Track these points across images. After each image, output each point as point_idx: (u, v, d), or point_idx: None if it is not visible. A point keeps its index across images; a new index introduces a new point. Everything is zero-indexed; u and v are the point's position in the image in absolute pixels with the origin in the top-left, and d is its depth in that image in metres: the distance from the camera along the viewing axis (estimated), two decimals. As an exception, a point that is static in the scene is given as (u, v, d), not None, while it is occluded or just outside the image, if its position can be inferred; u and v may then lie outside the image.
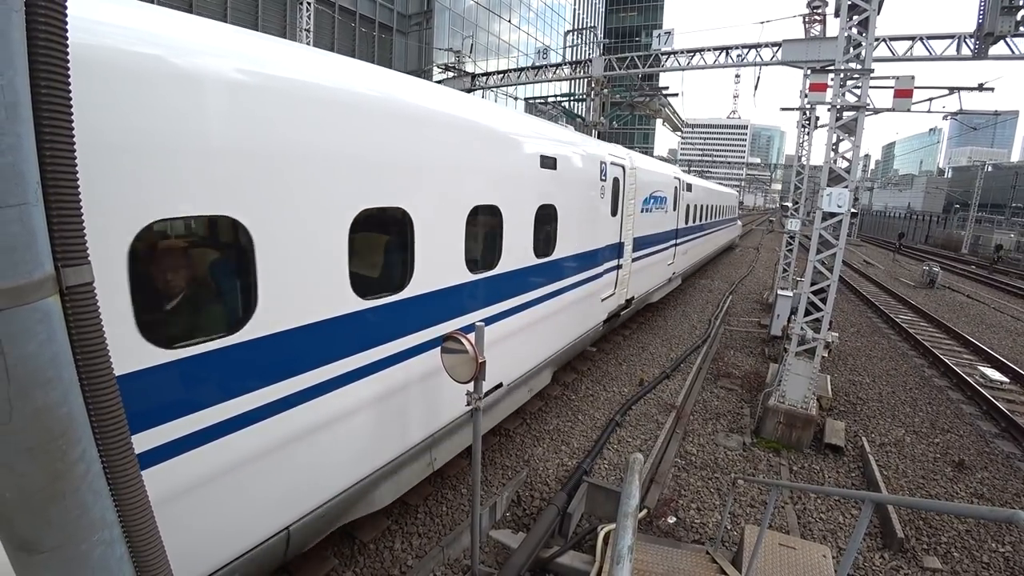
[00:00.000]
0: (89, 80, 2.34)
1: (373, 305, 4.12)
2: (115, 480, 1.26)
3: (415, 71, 36.58)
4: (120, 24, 2.62)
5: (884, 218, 73.53)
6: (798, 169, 17.93)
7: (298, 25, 26.22)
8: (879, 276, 27.50)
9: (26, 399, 1.05)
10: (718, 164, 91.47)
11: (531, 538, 5.31)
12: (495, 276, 5.76)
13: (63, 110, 1.09)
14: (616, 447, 7.37)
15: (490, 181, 5.62)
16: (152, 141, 2.65)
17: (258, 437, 3.32)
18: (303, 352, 3.60)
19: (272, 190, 3.26)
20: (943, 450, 8.33)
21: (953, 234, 52.91)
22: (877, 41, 14.29)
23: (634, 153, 10.67)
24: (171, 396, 2.89)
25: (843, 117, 8.05)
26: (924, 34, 15.25)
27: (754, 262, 31.20)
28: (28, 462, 1.09)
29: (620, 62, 21.52)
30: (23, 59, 1.01)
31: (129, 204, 2.61)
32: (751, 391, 10.04)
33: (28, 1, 1.00)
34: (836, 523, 6.35)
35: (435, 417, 5.09)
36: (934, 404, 10.22)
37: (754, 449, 7.98)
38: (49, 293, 1.07)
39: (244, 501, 3.36)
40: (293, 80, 3.44)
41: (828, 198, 7.81)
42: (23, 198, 1.00)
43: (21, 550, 1.16)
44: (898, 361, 12.96)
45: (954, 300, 21.80)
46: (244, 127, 3.10)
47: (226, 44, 3.20)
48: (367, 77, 4.29)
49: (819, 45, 16.62)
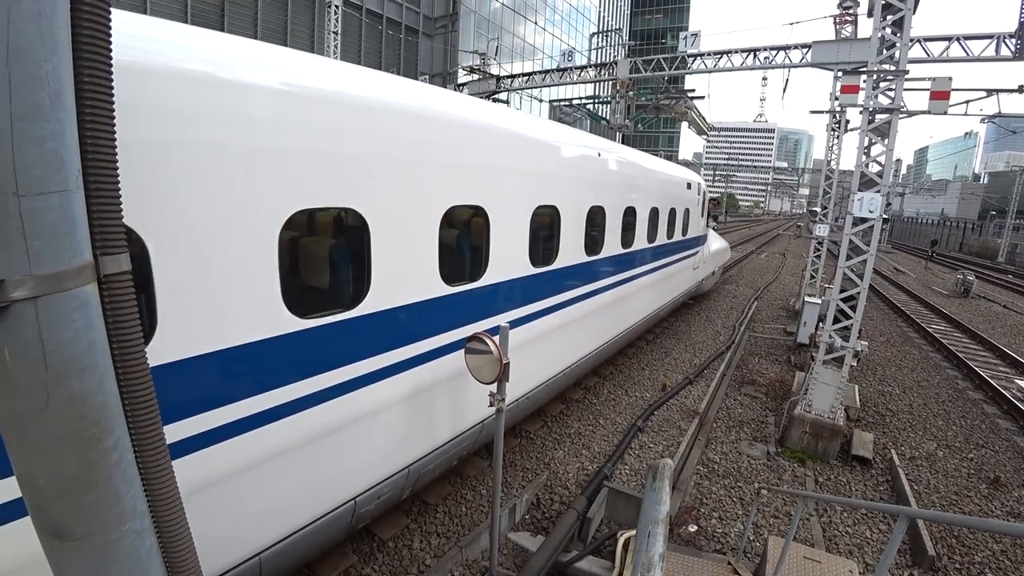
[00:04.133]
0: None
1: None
2: (146, 470, 1.26)
3: (440, 74, 36.85)
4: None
5: (916, 224, 71.68)
6: (827, 173, 17.56)
7: (326, 28, 26.62)
8: (910, 284, 26.77)
9: (62, 386, 1.06)
10: (744, 168, 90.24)
11: (550, 542, 5.27)
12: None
13: (105, 99, 1.10)
14: (637, 452, 7.28)
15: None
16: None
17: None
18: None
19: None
20: (977, 466, 8.04)
21: (989, 242, 51.32)
22: (912, 41, 13.93)
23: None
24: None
25: (875, 120, 7.85)
26: (961, 34, 14.75)
27: (780, 268, 30.64)
28: (63, 449, 1.09)
29: (646, 64, 21.34)
30: (67, 48, 1.02)
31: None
32: (776, 399, 9.84)
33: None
34: (863, 538, 6.17)
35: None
36: (968, 418, 9.88)
37: (778, 459, 7.80)
38: (87, 281, 1.08)
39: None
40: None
41: (859, 203, 7.62)
42: (64, 185, 1.01)
43: (54, 536, 1.17)
44: (930, 372, 12.57)
45: (990, 310, 21.10)
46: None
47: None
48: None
49: (850, 46, 16.23)
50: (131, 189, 2.54)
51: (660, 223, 10.14)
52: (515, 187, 5.58)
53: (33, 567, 2.07)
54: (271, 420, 3.33)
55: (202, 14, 25.68)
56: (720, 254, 18.46)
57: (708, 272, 16.34)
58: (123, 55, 2.41)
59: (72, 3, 1.01)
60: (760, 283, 23.63)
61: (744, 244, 45.33)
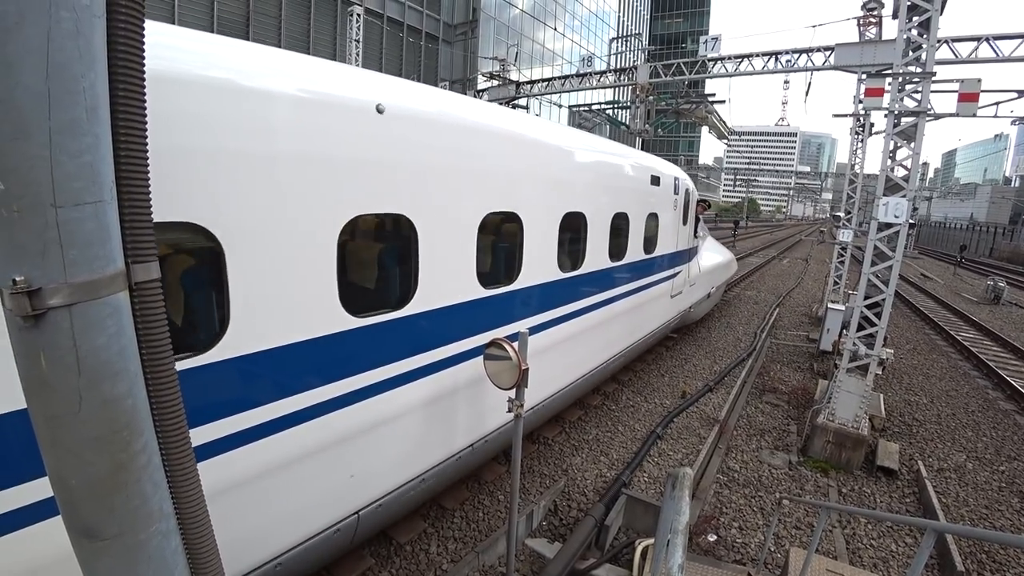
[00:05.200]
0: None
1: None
2: (172, 473, 1.29)
3: (460, 80, 37.10)
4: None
5: (944, 229, 69.98)
6: (851, 178, 17.25)
7: (348, 36, 27.01)
8: (938, 291, 26.12)
9: (95, 390, 1.09)
10: (765, 172, 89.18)
11: (567, 549, 5.24)
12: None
13: (138, 114, 1.14)
14: (656, 460, 7.21)
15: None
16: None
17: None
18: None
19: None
20: (1009, 479, 7.80)
21: (1021, 247, 49.93)
22: (939, 43, 13.64)
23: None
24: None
25: (901, 123, 7.70)
26: (991, 34, 14.39)
27: (803, 274, 30.15)
28: (94, 451, 1.13)
29: (666, 69, 21.22)
30: (103, 63, 1.06)
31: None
32: (798, 408, 9.67)
33: (109, 8, 1.04)
34: (888, 551, 6.02)
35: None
36: (999, 429, 9.59)
37: (800, 468, 7.66)
38: (120, 288, 1.11)
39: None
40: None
41: (884, 208, 7.47)
42: (99, 196, 1.04)
43: (83, 536, 1.20)
44: (959, 381, 12.24)
45: (1022, 318, 20.48)
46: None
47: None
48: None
49: (874, 48, 15.94)
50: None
51: (592, 238, 6.59)
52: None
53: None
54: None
55: (228, 23, 26.27)
56: (720, 271, 14.33)
57: (701, 295, 12.71)
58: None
59: (109, 21, 1.05)
60: (782, 289, 23.26)
61: (766, 249, 44.71)
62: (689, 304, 11.79)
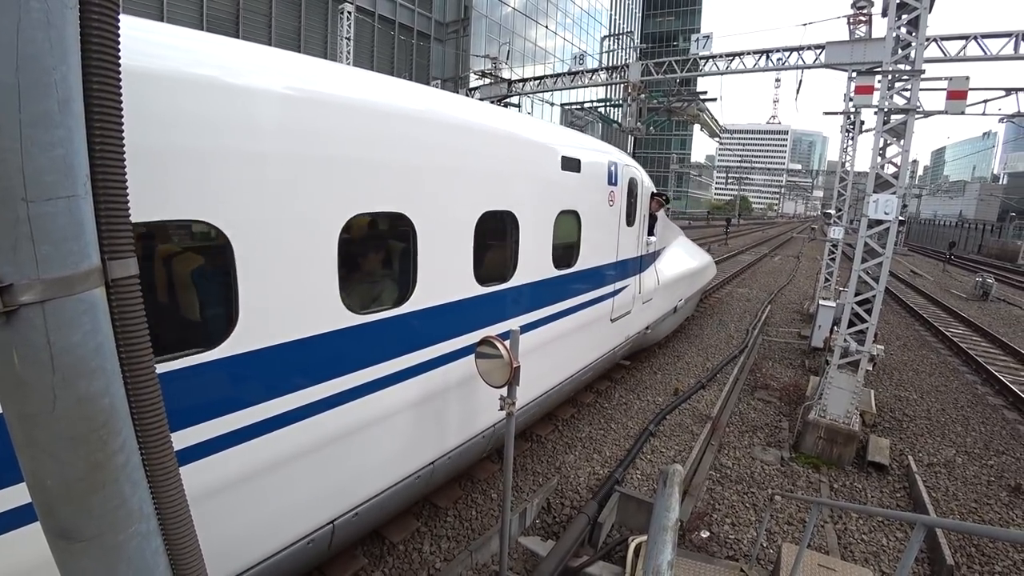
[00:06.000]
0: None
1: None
2: (152, 472, 1.27)
3: (452, 78, 37.02)
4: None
5: (933, 227, 70.57)
6: (841, 175, 17.36)
7: (339, 34, 26.88)
8: (927, 287, 26.34)
9: (70, 388, 1.07)
10: (757, 170, 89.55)
11: (560, 546, 5.24)
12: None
13: (113, 106, 1.11)
14: (649, 457, 7.22)
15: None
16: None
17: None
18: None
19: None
20: (998, 473, 7.88)
21: (1009, 244, 50.36)
22: (928, 41, 13.74)
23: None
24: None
25: (890, 121, 7.74)
26: (979, 33, 14.51)
27: (794, 271, 30.32)
28: (70, 451, 1.10)
29: (657, 67, 21.25)
30: (76, 56, 1.03)
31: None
32: (790, 404, 9.72)
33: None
34: (879, 546, 6.06)
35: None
36: (988, 423, 9.69)
37: (792, 464, 7.70)
38: (95, 285, 1.09)
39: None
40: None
41: (874, 205, 7.51)
42: (72, 190, 1.02)
43: (61, 538, 1.18)
44: (948, 377, 12.35)
45: (1010, 314, 20.69)
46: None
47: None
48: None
49: (864, 46, 16.03)
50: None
51: (430, 256, 4.30)
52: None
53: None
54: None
55: (217, 20, 26.07)
56: (691, 278, 11.85)
57: (663, 312, 10.27)
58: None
59: (82, 13, 1.03)
60: (774, 286, 23.39)
61: (758, 247, 44.95)
62: (644, 325, 9.33)
